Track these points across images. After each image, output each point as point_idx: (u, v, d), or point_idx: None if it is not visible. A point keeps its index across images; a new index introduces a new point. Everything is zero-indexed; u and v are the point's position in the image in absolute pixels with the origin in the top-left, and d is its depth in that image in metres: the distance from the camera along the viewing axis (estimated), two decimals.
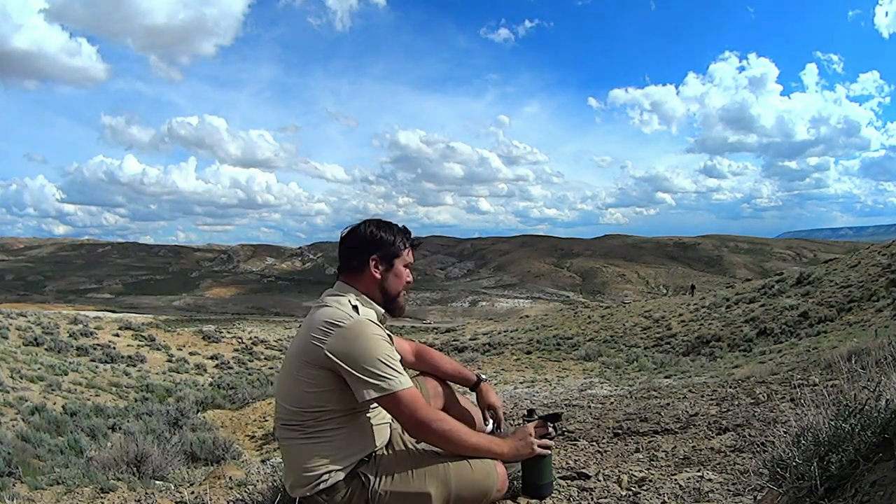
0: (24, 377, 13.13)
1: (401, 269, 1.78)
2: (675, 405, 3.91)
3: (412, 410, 1.59)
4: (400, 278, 1.78)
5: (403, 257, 1.79)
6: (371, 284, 1.74)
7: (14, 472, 5.10)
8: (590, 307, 42.30)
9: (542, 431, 1.81)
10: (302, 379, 1.61)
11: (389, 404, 1.60)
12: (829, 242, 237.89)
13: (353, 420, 1.65)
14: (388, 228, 1.79)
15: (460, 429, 1.66)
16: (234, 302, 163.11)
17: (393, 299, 1.77)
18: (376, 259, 1.74)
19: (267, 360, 24.74)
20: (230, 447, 5.06)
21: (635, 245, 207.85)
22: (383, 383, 1.56)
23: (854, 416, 1.44)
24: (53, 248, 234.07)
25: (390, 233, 1.78)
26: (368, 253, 1.74)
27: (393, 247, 1.76)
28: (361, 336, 1.57)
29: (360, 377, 1.55)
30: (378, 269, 1.74)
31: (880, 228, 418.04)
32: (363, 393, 1.56)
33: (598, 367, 15.00)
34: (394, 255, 1.76)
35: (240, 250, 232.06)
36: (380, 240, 1.75)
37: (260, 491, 2.47)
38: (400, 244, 1.78)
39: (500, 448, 1.73)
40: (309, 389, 1.60)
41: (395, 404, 1.59)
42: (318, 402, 1.60)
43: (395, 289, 1.77)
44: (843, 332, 13.77)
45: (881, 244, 24.29)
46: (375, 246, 1.74)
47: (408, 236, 1.82)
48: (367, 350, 1.56)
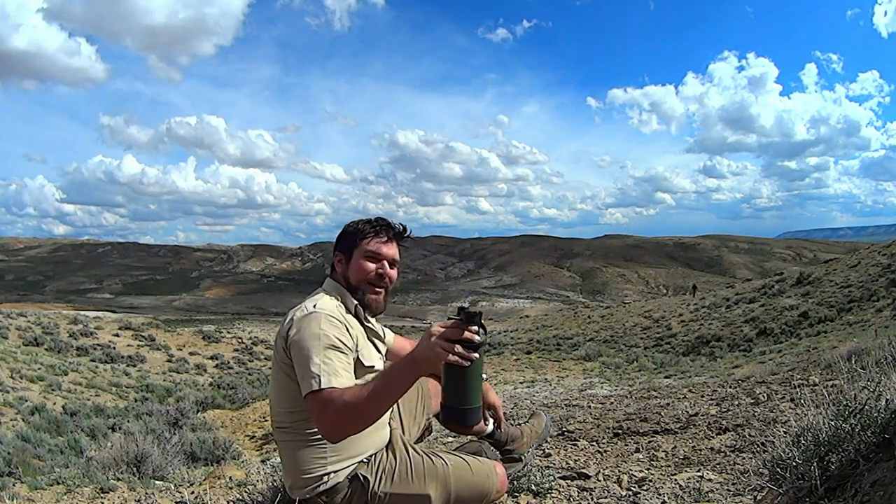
0: (24, 377, 13.12)
1: (359, 259, 1.70)
2: (675, 405, 3.91)
3: (321, 413, 1.41)
4: (357, 269, 1.69)
5: (362, 246, 1.70)
6: (340, 278, 1.74)
7: (14, 472, 5.10)
8: (590, 307, 42.30)
9: (456, 333, 1.31)
10: (280, 380, 1.60)
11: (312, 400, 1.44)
12: (829, 242, 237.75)
13: None
14: (357, 222, 1.76)
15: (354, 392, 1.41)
16: (234, 302, 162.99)
17: (354, 291, 1.70)
18: (339, 254, 1.74)
19: (267, 360, 24.69)
20: (230, 447, 5.05)
21: (635, 245, 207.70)
22: (312, 379, 1.43)
23: (854, 416, 1.44)
24: (53, 248, 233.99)
25: (355, 225, 1.75)
26: (335, 249, 1.77)
27: (352, 237, 1.72)
28: (305, 328, 1.52)
29: (300, 372, 1.48)
30: (341, 264, 1.73)
31: (880, 228, 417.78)
32: (302, 387, 1.46)
33: (598, 367, 14.98)
34: (353, 245, 1.72)
35: (240, 250, 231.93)
36: (342, 233, 1.76)
37: (260, 491, 2.47)
38: (361, 233, 1.72)
39: (398, 370, 1.39)
40: (287, 389, 1.58)
41: (311, 403, 1.44)
42: (296, 401, 1.53)
43: (356, 279, 1.69)
44: (843, 332, 13.77)
45: (881, 244, 24.33)
46: (338, 240, 1.76)
47: (376, 225, 1.73)
48: (304, 341, 1.49)
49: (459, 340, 1.31)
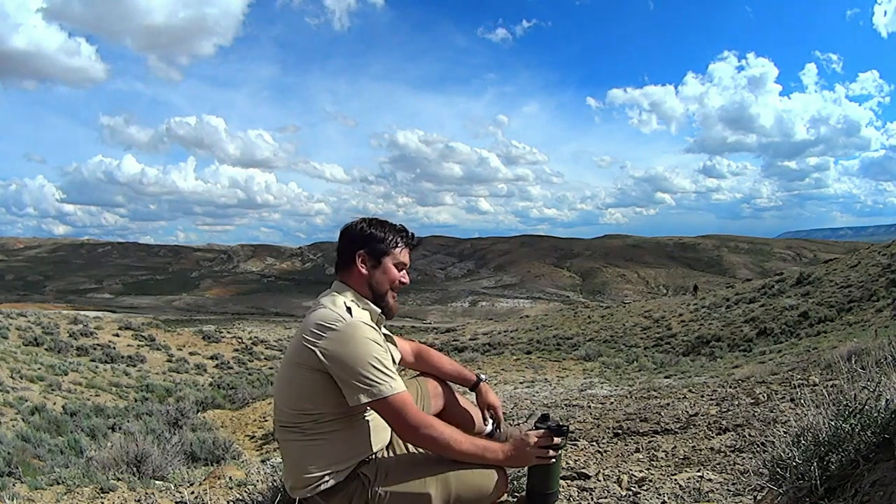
0: (24, 377, 13.12)
1: (390, 266, 1.74)
2: (675, 405, 3.91)
3: (401, 416, 1.56)
4: (387, 276, 1.73)
5: (394, 255, 1.74)
6: (360, 282, 1.72)
7: (14, 472, 5.10)
8: (590, 307, 42.32)
9: (545, 442, 1.69)
10: (296, 381, 1.60)
11: (380, 408, 1.58)
12: (829, 242, 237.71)
13: (350, 422, 1.64)
14: (381, 226, 1.76)
15: (451, 435, 1.60)
16: (234, 302, 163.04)
17: (381, 297, 1.73)
18: (363, 255, 1.72)
19: (267, 360, 24.71)
20: (230, 447, 5.05)
21: (635, 245, 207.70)
22: (373, 388, 1.54)
23: (854, 416, 1.44)
24: (53, 248, 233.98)
25: (382, 230, 1.75)
26: (356, 249, 1.73)
27: (382, 244, 1.73)
28: (353, 339, 1.55)
29: (352, 381, 1.54)
30: (365, 266, 1.72)
31: (880, 228, 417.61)
32: (354, 397, 1.54)
33: (598, 368, 14.96)
34: (383, 252, 1.73)
35: (240, 250, 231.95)
36: (368, 235, 1.74)
37: (260, 491, 2.47)
38: (392, 242, 1.74)
39: (494, 455, 1.65)
40: (303, 392, 1.59)
41: (384, 409, 1.57)
42: (312, 404, 1.59)
43: (383, 287, 1.73)
44: (843, 332, 13.77)
45: (881, 244, 24.34)
46: (363, 242, 1.73)
47: (403, 235, 1.78)
48: (358, 354, 1.54)
49: (548, 446, 1.67)
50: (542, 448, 1.67)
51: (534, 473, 1.76)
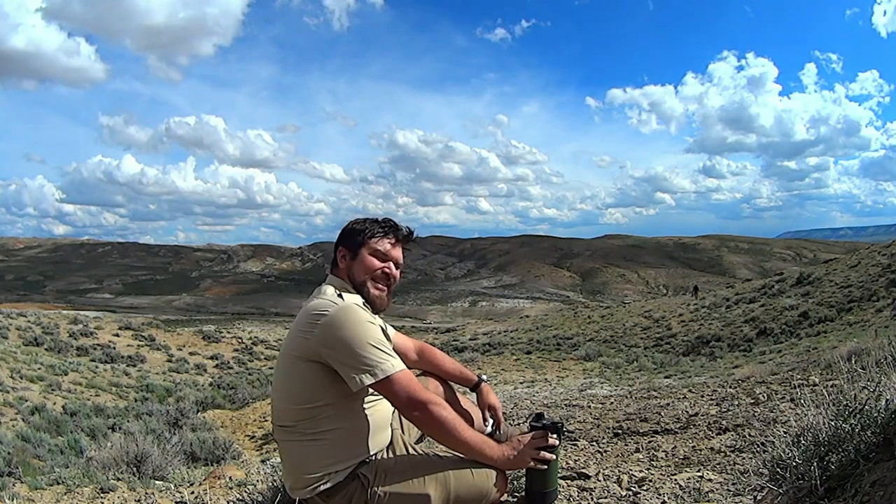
0: (24, 377, 13.12)
1: (365, 255, 1.74)
2: (675, 405, 3.91)
3: (409, 391, 1.55)
4: (363, 265, 1.73)
5: (370, 244, 1.74)
6: (343, 275, 1.75)
7: (14, 472, 5.10)
8: (590, 307, 42.29)
9: (541, 442, 1.69)
10: (294, 375, 1.60)
11: (385, 389, 1.55)
12: (829, 242, 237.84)
13: (349, 419, 1.63)
14: (364, 220, 1.79)
15: (456, 419, 1.60)
16: (234, 302, 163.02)
17: (359, 287, 1.74)
18: (343, 250, 1.76)
19: (267, 360, 24.71)
20: (230, 447, 5.05)
21: (635, 245, 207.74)
22: (375, 368, 1.52)
23: (854, 416, 1.44)
24: (53, 248, 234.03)
25: (362, 224, 1.78)
26: (338, 245, 1.78)
27: (360, 236, 1.75)
28: (348, 322, 1.54)
29: (352, 364, 1.52)
30: (345, 260, 1.75)
31: (880, 228, 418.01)
32: (357, 380, 1.52)
33: (598, 367, 14.98)
34: (359, 243, 1.75)
35: (240, 250, 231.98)
36: (349, 231, 1.78)
37: (260, 491, 2.47)
38: (368, 232, 1.75)
39: (492, 452, 1.64)
40: (302, 385, 1.59)
41: (389, 388, 1.55)
42: (310, 396, 1.58)
43: (358, 277, 1.73)
44: (843, 332, 13.77)
45: (881, 244, 24.33)
46: (344, 238, 1.78)
47: (384, 225, 1.78)
48: (355, 335, 1.53)
49: (545, 447, 1.67)
50: (539, 449, 1.68)
51: (531, 471, 1.78)
